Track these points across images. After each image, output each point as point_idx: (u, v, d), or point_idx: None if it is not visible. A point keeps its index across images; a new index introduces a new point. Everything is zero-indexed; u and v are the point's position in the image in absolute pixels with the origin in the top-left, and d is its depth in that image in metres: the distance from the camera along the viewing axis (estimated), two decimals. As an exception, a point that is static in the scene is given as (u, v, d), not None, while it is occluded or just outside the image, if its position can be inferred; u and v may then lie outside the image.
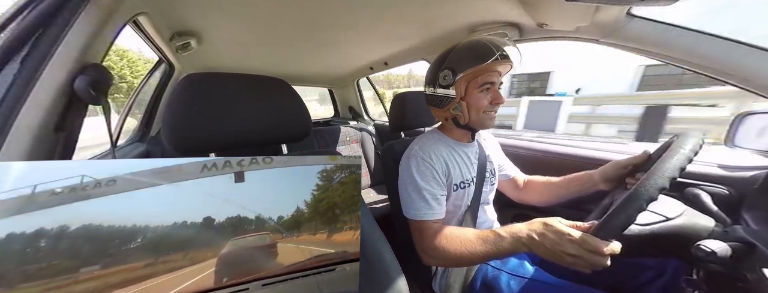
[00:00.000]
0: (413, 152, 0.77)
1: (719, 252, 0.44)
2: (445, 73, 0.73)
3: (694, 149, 0.49)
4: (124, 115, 1.45)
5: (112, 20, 0.56)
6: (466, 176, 0.80)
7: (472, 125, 0.77)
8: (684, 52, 0.68)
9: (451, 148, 0.81)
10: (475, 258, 0.62)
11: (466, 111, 0.74)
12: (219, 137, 0.56)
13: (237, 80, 0.60)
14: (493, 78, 0.72)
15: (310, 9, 0.91)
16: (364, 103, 2.60)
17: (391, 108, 1.12)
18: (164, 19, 0.92)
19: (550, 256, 0.52)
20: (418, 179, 0.72)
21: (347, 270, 0.46)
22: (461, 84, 0.72)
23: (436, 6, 0.91)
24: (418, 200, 0.71)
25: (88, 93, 0.43)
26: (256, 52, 1.42)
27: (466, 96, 0.73)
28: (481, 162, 0.85)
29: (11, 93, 0.36)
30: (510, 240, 0.57)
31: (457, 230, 0.68)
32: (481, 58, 0.67)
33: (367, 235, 0.60)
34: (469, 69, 0.69)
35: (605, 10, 0.68)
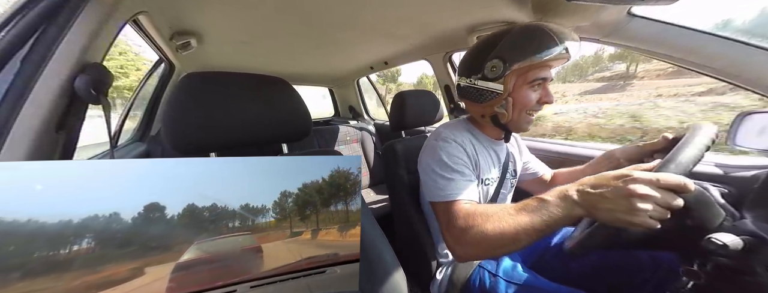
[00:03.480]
0: (442, 136, 0.69)
1: (731, 245, 0.43)
2: (493, 62, 0.61)
3: (709, 137, 0.47)
4: (124, 114, 1.46)
5: (112, 20, 0.56)
6: (490, 174, 0.75)
7: (511, 125, 0.68)
8: (685, 52, 0.68)
9: (480, 142, 0.74)
10: (520, 235, 0.48)
11: (511, 109, 0.64)
12: (219, 136, 0.56)
13: (237, 79, 0.60)
14: (546, 73, 0.62)
15: (311, 8, 0.91)
16: (365, 102, 2.60)
17: (391, 107, 1.12)
18: (164, 18, 0.92)
19: (609, 212, 0.41)
20: (446, 160, 0.65)
21: (347, 270, 0.46)
22: (511, 78, 0.62)
23: (436, 6, 0.91)
24: (446, 181, 0.63)
25: (88, 93, 0.43)
26: (256, 51, 1.42)
27: (514, 92, 0.63)
28: (505, 162, 0.79)
29: (12, 93, 0.36)
30: (555, 202, 0.46)
31: (490, 206, 0.57)
32: (543, 49, 0.57)
33: (367, 235, 0.60)
34: (526, 61, 0.58)
35: (606, 10, 0.68)
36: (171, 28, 1.01)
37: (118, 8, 0.58)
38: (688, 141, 0.47)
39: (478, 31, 1.07)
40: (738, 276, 0.47)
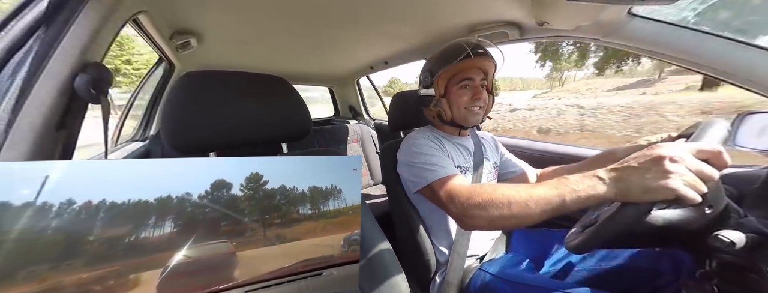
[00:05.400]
0: (412, 139, 0.80)
1: (738, 243, 0.43)
2: (425, 75, 0.81)
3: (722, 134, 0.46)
4: (124, 114, 1.46)
5: (112, 19, 0.55)
6: (463, 162, 0.82)
7: (456, 120, 0.81)
8: (685, 52, 0.68)
9: (445, 138, 0.84)
10: (530, 204, 0.46)
11: (447, 108, 0.78)
12: (218, 136, 0.56)
13: (237, 79, 0.60)
14: (471, 74, 0.76)
15: (311, 8, 0.91)
16: (365, 102, 2.60)
17: (390, 108, 1.12)
18: (164, 17, 0.92)
19: (641, 182, 0.38)
20: (422, 151, 0.73)
21: (346, 271, 0.46)
22: (440, 83, 0.78)
23: (436, 5, 0.91)
24: (430, 165, 0.70)
25: (88, 92, 0.43)
26: (256, 50, 1.42)
27: (447, 94, 0.78)
28: (478, 155, 0.86)
29: (12, 92, 0.36)
30: (577, 179, 0.44)
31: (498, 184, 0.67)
32: (452, 57, 0.73)
33: (367, 235, 0.60)
34: (442, 69, 0.75)
35: (606, 10, 0.68)
36: (171, 27, 1.01)
37: (118, 8, 0.58)
38: (700, 136, 0.45)
39: (478, 31, 1.07)
40: (744, 273, 0.47)
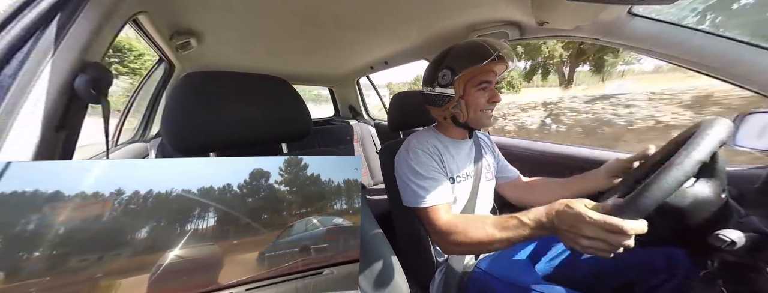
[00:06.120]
0: (411, 146, 0.78)
1: (739, 242, 0.43)
2: (444, 72, 0.75)
3: (725, 131, 0.45)
4: (124, 113, 1.46)
5: (112, 19, 0.56)
6: (461, 170, 0.82)
7: (471, 123, 0.79)
8: (685, 52, 0.68)
9: (445, 145, 0.83)
10: (495, 244, 0.59)
11: (465, 109, 0.76)
12: (218, 136, 0.56)
13: (237, 79, 0.60)
14: (489, 77, 0.74)
15: (311, 8, 0.91)
16: (365, 102, 2.60)
17: (390, 108, 1.12)
18: (164, 17, 0.92)
19: (568, 241, 0.48)
20: (417, 169, 0.74)
21: (345, 270, 0.46)
22: (460, 83, 0.74)
23: (436, 5, 0.91)
24: (421, 188, 0.72)
25: (88, 92, 0.43)
26: (257, 51, 1.42)
27: (465, 95, 0.75)
28: (477, 158, 0.86)
29: (12, 92, 0.36)
30: (532, 226, 0.54)
31: (469, 216, 0.67)
32: (479, 58, 0.69)
33: (367, 235, 0.60)
34: (467, 69, 0.71)
35: (606, 10, 0.68)
36: (171, 27, 1.01)
37: (118, 8, 0.58)
38: (699, 136, 0.44)
39: (478, 31, 1.07)
40: (744, 272, 0.47)
